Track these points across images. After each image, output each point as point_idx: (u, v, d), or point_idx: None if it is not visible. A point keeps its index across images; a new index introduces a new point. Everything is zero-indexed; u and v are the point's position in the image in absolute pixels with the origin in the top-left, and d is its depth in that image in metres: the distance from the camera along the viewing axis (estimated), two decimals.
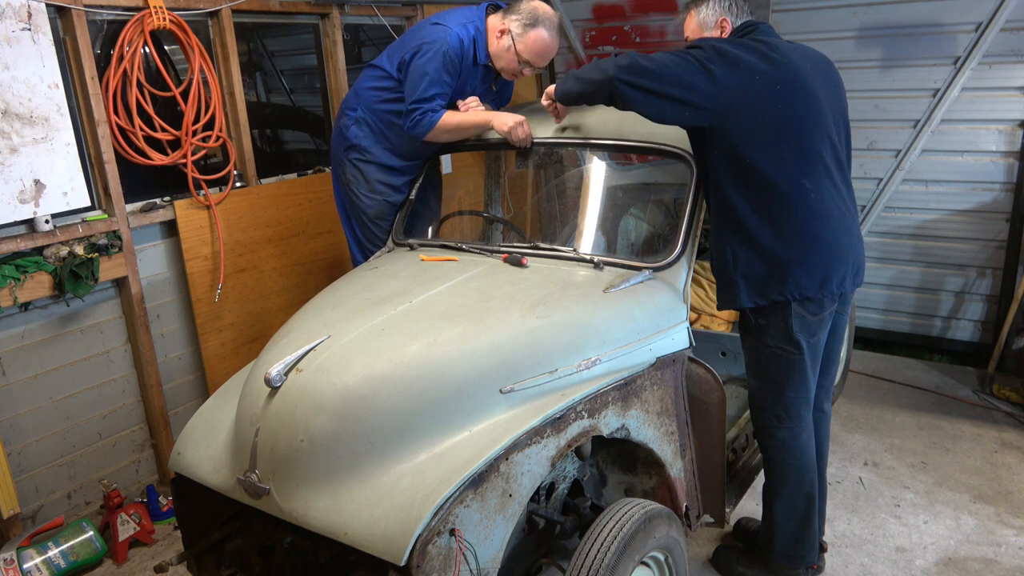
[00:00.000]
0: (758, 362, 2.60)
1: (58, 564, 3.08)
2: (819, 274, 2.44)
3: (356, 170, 3.33)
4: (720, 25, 2.60)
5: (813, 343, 2.53)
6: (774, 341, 2.51)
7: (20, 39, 2.95)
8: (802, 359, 2.51)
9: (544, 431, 2.05)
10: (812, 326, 2.49)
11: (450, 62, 3.05)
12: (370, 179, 3.31)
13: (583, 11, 5.54)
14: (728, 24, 2.59)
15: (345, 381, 2.02)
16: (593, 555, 2.04)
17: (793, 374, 2.54)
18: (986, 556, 3.01)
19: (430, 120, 3.08)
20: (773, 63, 2.37)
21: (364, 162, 3.31)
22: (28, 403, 3.25)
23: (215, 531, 2.40)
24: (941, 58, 4.36)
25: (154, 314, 3.63)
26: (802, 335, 2.48)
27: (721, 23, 2.59)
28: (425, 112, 3.07)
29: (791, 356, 2.51)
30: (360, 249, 3.41)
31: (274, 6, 3.97)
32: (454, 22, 3.10)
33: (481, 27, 3.13)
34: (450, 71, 3.07)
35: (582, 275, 2.63)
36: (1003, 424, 3.97)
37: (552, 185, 3.48)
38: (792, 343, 2.49)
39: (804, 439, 2.63)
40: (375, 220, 3.33)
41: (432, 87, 3.05)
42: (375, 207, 3.32)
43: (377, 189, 3.31)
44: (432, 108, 3.08)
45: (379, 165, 3.30)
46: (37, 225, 3.10)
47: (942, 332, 4.79)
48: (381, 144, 3.28)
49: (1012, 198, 4.37)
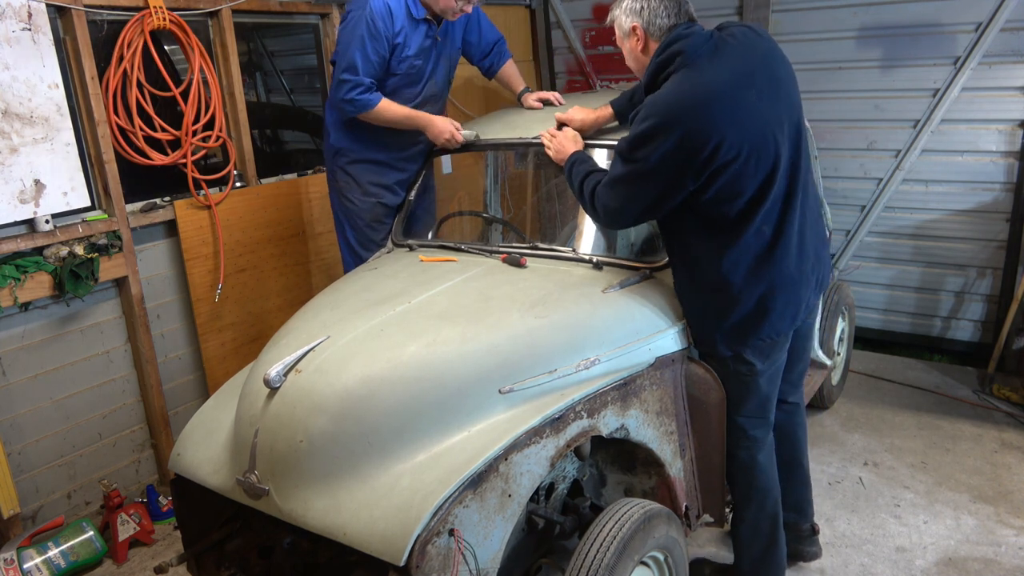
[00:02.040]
0: (723, 379, 2.53)
1: (58, 564, 3.08)
2: (791, 312, 2.39)
3: (346, 175, 3.34)
4: (634, 34, 2.31)
5: (769, 364, 2.46)
6: (733, 364, 2.45)
7: (20, 39, 2.95)
8: (757, 380, 2.46)
9: (543, 431, 2.06)
10: (766, 350, 2.43)
11: (372, 26, 3.00)
12: (361, 182, 3.32)
13: (583, 11, 5.54)
14: (640, 32, 2.29)
15: (344, 382, 2.02)
16: (592, 555, 2.04)
17: (749, 395, 2.49)
18: (986, 556, 3.01)
19: (367, 100, 3.08)
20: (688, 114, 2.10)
21: (352, 163, 3.32)
22: (28, 403, 3.25)
23: (215, 532, 2.40)
24: (941, 58, 4.35)
25: (154, 314, 3.63)
26: (756, 358, 2.43)
27: (633, 30, 2.30)
28: (359, 87, 3.04)
29: (743, 377, 2.46)
30: (353, 258, 3.40)
31: (274, 6, 3.98)
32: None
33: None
34: (375, 35, 3.01)
35: (581, 275, 2.63)
36: (1003, 424, 3.97)
37: (551, 185, 3.48)
38: (746, 364, 2.43)
39: (763, 460, 2.58)
40: (371, 224, 3.33)
41: (354, 55, 3.01)
42: (370, 210, 3.32)
43: (369, 191, 3.31)
44: (362, 82, 3.04)
45: (366, 163, 3.30)
46: (37, 225, 3.10)
47: (942, 332, 4.78)
48: (359, 138, 3.28)
49: (1012, 198, 4.37)
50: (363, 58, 3.03)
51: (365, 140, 3.29)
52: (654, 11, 2.26)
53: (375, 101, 3.09)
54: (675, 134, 2.10)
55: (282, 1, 4.01)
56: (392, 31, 3.07)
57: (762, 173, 2.21)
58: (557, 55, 5.79)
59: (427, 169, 3.39)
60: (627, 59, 2.44)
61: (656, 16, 2.26)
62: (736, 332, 2.38)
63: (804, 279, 2.40)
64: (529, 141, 3.00)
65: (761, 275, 2.31)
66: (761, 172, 2.20)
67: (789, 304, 2.37)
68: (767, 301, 2.33)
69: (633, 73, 2.48)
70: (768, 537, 2.64)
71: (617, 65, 5.58)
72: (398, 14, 3.05)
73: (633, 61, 2.41)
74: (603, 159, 3.09)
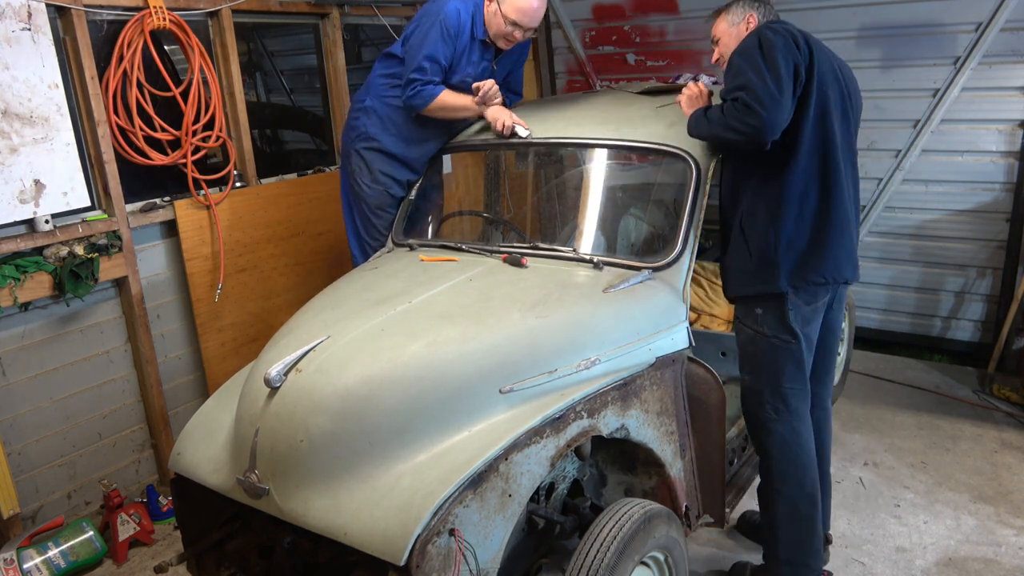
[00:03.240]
0: (754, 355, 2.62)
1: (58, 564, 3.08)
2: (844, 253, 2.55)
3: (361, 159, 3.37)
4: (747, 21, 2.69)
5: (807, 332, 2.58)
6: (771, 330, 2.55)
7: (20, 39, 2.95)
8: (798, 347, 2.56)
9: (543, 431, 2.06)
10: (806, 315, 2.56)
11: (446, 31, 3.11)
12: (373, 168, 3.35)
13: (583, 11, 5.54)
14: (754, 19, 2.68)
15: (344, 381, 2.02)
16: (593, 555, 2.04)
17: (789, 363, 2.57)
18: (986, 556, 3.01)
19: (430, 92, 3.16)
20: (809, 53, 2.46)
21: (370, 150, 3.35)
22: (28, 403, 3.25)
23: (215, 531, 2.40)
24: (941, 58, 4.36)
25: (154, 314, 3.63)
26: (797, 324, 2.53)
27: (748, 19, 2.69)
28: (426, 83, 3.15)
29: (787, 345, 2.55)
30: (359, 242, 3.44)
31: (274, 6, 3.97)
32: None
33: (480, 3, 3.17)
34: (446, 40, 3.12)
35: (582, 275, 2.63)
36: (1003, 424, 3.97)
37: (552, 185, 3.48)
38: (789, 331, 2.54)
39: (804, 434, 2.62)
40: (376, 211, 3.36)
41: (428, 56, 3.12)
42: (376, 197, 3.35)
43: (379, 179, 3.34)
44: (431, 80, 3.15)
45: (384, 153, 3.34)
46: (37, 225, 3.10)
47: (942, 332, 4.78)
48: (388, 131, 3.33)
49: (1012, 198, 4.37)
50: (433, 60, 3.14)
51: (391, 134, 3.34)
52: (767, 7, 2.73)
53: (437, 92, 3.18)
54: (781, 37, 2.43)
55: (282, 1, 4.00)
56: (457, 40, 3.17)
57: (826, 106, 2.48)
58: (557, 55, 5.80)
59: (431, 169, 3.39)
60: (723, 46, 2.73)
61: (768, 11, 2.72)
62: (797, 266, 2.50)
63: (853, 226, 2.59)
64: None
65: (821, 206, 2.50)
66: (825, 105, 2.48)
67: (843, 245, 2.53)
68: (826, 231, 2.51)
69: None
70: (807, 519, 2.62)
71: (617, 65, 5.58)
72: (466, 27, 3.16)
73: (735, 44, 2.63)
74: (604, 159, 3.09)
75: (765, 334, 2.57)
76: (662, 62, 5.39)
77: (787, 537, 2.65)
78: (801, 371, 2.60)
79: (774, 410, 2.61)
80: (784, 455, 2.62)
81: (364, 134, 3.36)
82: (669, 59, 5.35)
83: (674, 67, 5.31)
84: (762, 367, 2.61)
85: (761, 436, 2.66)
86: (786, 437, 2.61)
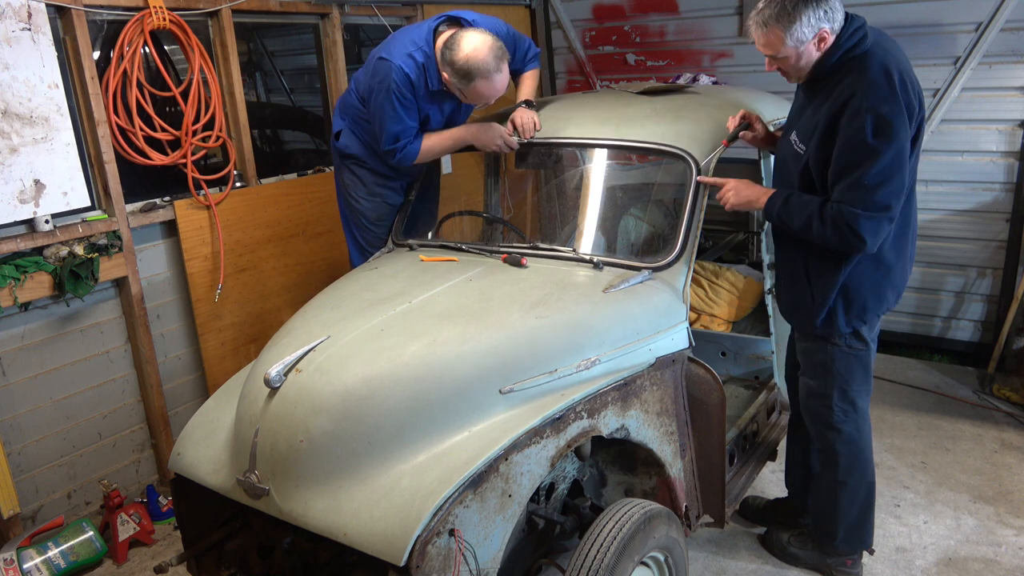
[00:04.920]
0: (823, 362, 2.64)
1: (58, 564, 3.08)
2: (904, 283, 2.57)
3: (353, 175, 3.34)
4: (820, 36, 2.32)
5: (874, 336, 2.63)
6: (843, 340, 2.57)
7: (20, 39, 2.95)
8: (867, 353, 2.61)
9: (544, 431, 2.06)
10: (875, 323, 2.61)
11: (400, 96, 2.97)
12: (367, 183, 3.32)
13: (583, 11, 5.54)
14: (828, 35, 2.32)
15: (344, 381, 2.02)
16: (593, 555, 2.04)
17: (859, 369, 2.61)
18: (986, 556, 3.01)
19: (411, 152, 3.08)
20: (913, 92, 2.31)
21: (360, 168, 3.32)
22: (28, 403, 3.25)
23: (215, 531, 2.40)
24: (941, 58, 4.36)
25: (154, 314, 3.63)
26: (867, 332, 2.58)
27: (821, 35, 2.32)
28: (403, 148, 3.06)
29: (859, 352, 2.59)
30: (360, 252, 3.41)
31: (274, 6, 3.97)
32: (398, 53, 2.97)
33: (430, 51, 2.99)
34: (404, 104, 2.99)
35: (582, 275, 2.63)
36: (1003, 424, 3.97)
37: (552, 185, 3.48)
38: (861, 340, 2.58)
39: (866, 430, 2.71)
40: (375, 223, 3.34)
41: (393, 128, 3.02)
42: (374, 210, 3.33)
43: (375, 192, 3.32)
44: (407, 143, 3.06)
45: (374, 172, 3.31)
46: (37, 225, 3.10)
47: (942, 332, 4.78)
48: (372, 155, 3.27)
49: (1012, 198, 4.37)
50: (402, 129, 3.04)
51: (375, 157, 3.27)
52: (834, 8, 2.32)
53: (417, 147, 3.09)
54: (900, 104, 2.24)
55: (282, 1, 4.00)
56: (416, 96, 3.04)
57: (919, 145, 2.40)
58: (557, 55, 5.80)
59: (430, 169, 3.39)
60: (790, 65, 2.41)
61: (836, 12, 2.33)
62: (862, 309, 2.50)
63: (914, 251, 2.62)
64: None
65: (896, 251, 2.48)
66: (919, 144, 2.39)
67: (905, 277, 2.56)
68: (895, 273, 2.49)
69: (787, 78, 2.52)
70: (865, 502, 2.76)
71: (617, 65, 5.58)
72: (419, 85, 3.02)
73: (805, 63, 2.39)
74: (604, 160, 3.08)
75: (836, 344, 2.59)
76: (662, 62, 5.39)
77: (849, 521, 2.78)
78: (868, 374, 2.65)
79: (842, 412, 2.66)
80: (851, 452, 2.70)
81: (351, 155, 3.31)
82: (669, 59, 5.35)
83: (674, 67, 5.31)
84: (832, 374, 2.63)
85: (829, 436, 2.71)
86: (853, 436, 2.68)
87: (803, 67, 2.41)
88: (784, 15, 2.29)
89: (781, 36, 2.32)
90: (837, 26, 2.33)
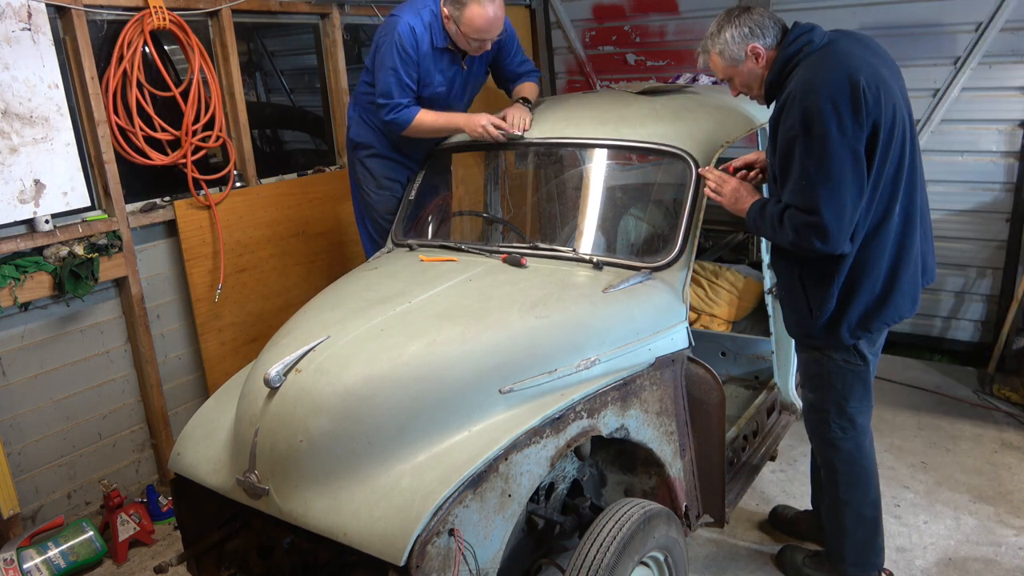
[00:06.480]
0: (820, 375, 2.58)
1: (58, 564, 3.08)
2: (912, 293, 2.45)
3: (364, 168, 3.43)
4: (753, 53, 2.39)
5: (874, 352, 2.56)
6: (840, 355, 2.51)
7: (20, 39, 2.95)
8: (866, 369, 2.53)
9: (543, 431, 2.06)
10: (875, 339, 2.53)
11: (403, 51, 3.08)
12: (376, 175, 3.40)
13: (583, 11, 5.54)
14: (761, 50, 2.38)
15: (344, 381, 2.02)
16: (592, 555, 2.04)
17: (857, 385, 2.54)
18: (986, 556, 3.01)
19: (406, 116, 3.15)
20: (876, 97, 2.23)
21: (369, 157, 3.40)
22: (28, 403, 3.25)
23: (215, 531, 2.40)
24: (941, 58, 4.35)
25: (154, 314, 3.63)
26: (866, 348, 2.50)
27: (753, 51, 2.38)
28: (398, 107, 3.13)
29: (856, 368, 2.52)
30: (373, 247, 3.49)
31: (274, 6, 3.97)
32: (407, 11, 3.13)
33: (436, 11, 3.13)
34: (405, 59, 3.09)
35: (581, 275, 2.63)
36: (1003, 424, 3.97)
37: (551, 185, 3.48)
38: (858, 355, 2.50)
39: (867, 446, 2.64)
40: (386, 216, 3.42)
41: (389, 79, 3.10)
42: (384, 203, 3.41)
43: (384, 184, 3.40)
44: (400, 103, 3.13)
45: (383, 158, 3.38)
46: (37, 225, 3.10)
47: (942, 332, 4.78)
48: (379, 137, 3.37)
49: (1012, 198, 4.37)
50: (397, 82, 3.12)
51: (384, 137, 3.37)
52: (762, 26, 2.39)
53: (412, 114, 3.16)
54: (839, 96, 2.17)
55: (282, 1, 4.00)
56: (419, 54, 3.14)
57: (898, 139, 2.28)
58: (557, 55, 5.80)
59: (427, 168, 3.39)
60: (740, 85, 2.50)
61: (765, 29, 2.39)
62: (861, 321, 2.41)
63: (921, 258, 2.48)
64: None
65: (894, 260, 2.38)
66: (898, 138, 2.28)
67: (907, 292, 2.43)
68: (894, 283, 2.39)
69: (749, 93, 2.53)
70: (872, 522, 2.69)
71: (617, 65, 5.58)
72: (423, 40, 3.12)
73: (751, 80, 2.46)
74: (603, 160, 3.08)
75: (833, 358, 2.53)
76: (662, 62, 5.39)
77: (854, 541, 2.70)
78: (868, 390, 2.58)
79: (840, 428, 2.59)
80: (850, 469, 2.63)
81: (360, 143, 3.41)
82: (669, 59, 5.35)
83: (674, 67, 5.31)
84: (829, 388, 2.57)
85: (827, 452, 2.66)
86: (852, 454, 2.62)
87: (752, 84, 2.47)
88: (714, 38, 2.44)
89: (717, 58, 2.46)
90: (770, 41, 2.39)
